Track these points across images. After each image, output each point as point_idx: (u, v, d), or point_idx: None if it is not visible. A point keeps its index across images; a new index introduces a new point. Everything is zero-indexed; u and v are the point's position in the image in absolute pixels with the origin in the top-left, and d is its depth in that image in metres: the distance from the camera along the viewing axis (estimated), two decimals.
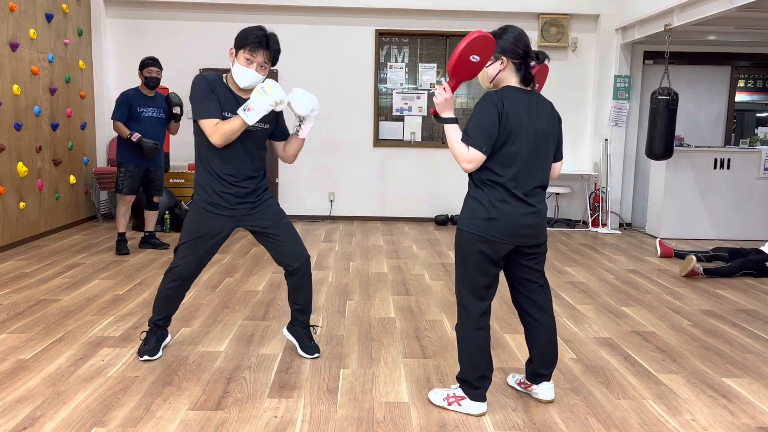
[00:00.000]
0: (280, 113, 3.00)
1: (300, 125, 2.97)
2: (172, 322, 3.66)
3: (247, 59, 2.75)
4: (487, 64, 2.47)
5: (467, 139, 2.38)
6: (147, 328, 3.21)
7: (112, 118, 5.40)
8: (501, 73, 2.46)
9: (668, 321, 3.97)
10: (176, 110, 5.54)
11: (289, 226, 3.06)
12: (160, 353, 3.13)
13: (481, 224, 2.42)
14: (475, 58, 2.36)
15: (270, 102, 2.72)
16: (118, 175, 5.47)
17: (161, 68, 5.46)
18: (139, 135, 5.31)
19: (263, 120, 2.89)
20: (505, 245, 2.46)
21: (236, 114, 2.77)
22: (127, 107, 5.35)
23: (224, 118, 2.80)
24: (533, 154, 2.43)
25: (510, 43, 2.43)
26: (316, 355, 3.19)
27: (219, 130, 2.76)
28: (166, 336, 3.22)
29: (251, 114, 2.71)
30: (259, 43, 2.73)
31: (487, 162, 2.41)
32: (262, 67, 2.79)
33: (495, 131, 2.36)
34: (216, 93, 2.80)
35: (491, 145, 2.37)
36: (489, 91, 2.46)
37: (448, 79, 2.48)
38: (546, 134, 2.47)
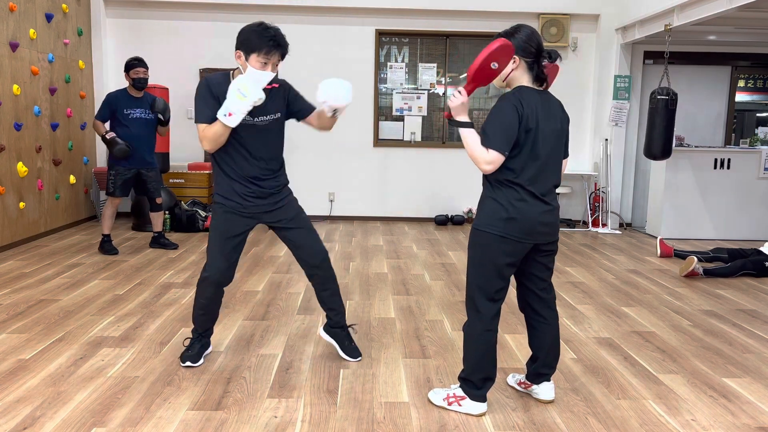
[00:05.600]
0: (294, 94, 2.95)
1: (334, 113, 2.88)
2: (173, 324, 3.67)
3: (263, 62, 2.69)
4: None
5: (486, 141, 2.37)
6: (190, 336, 3.17)
7: (95, 118, 5.39)
8: (513, 72, 2.46)
9: (668, 321, 3.97)
10: (161, 116, 5.53)
11: (307, 222, 3.03)
12: (201, 361, 3.07)
13: (501, 224, 2.42)
14: (494, 65, 2.38)
15: (248, 105, 2.64)
16: (108, 177, 5.45)
17: (147, 68, 5.46)
18: (114, 134, 5.29)
19: (269, 110, 2.83)
20: (526, 244, 2.46)
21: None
22: (111, 109, 5.35)
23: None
24: (549, 153, 2.45)
25: (522, 42, 2.44)
26: (359, 358, 3.16)
27: (206, 135, 2.73)
28: (209, 346, 3.16)
29: (232, 119, 2.65)
30: (274, 46, 2.68)
31: (506, 162, 2.41)
32: (275, 65, 2.74)
33: (515, 132, 2.36)
34: (217, 96, 2.73)
35: (510, 146, 2.37)
36: (506, 92, 2.45)
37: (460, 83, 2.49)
38: (559, 134, 2.49)
